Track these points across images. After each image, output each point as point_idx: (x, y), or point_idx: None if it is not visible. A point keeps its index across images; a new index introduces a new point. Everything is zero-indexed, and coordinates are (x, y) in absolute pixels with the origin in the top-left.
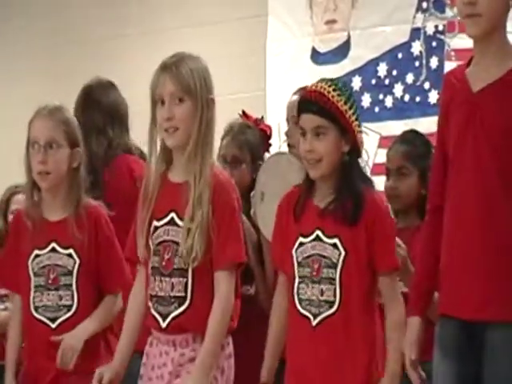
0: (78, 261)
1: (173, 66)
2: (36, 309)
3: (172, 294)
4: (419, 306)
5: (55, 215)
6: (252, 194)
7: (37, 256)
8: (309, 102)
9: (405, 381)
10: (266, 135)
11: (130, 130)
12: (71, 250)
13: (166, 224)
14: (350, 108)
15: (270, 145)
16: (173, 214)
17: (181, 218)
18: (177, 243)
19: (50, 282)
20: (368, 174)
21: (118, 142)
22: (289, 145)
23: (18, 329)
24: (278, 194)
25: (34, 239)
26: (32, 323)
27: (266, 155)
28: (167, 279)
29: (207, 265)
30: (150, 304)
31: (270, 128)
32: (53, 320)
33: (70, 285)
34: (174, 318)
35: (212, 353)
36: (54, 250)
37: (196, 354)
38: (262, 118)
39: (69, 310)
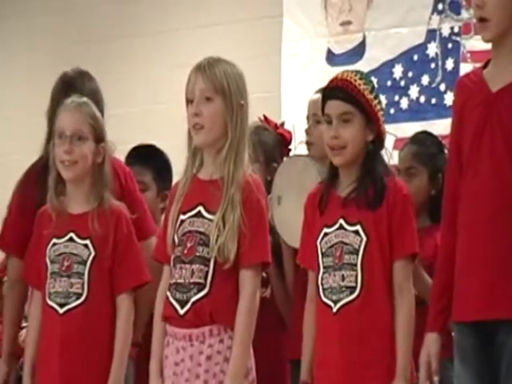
0: (93, 253)
1: (206, 66)
2: (49, 295)
3: (191, 281)
4: (439, 322)
5: (77, 208)
6: (269, 197)
7: (54, 244)
8: (335, 88)
9: None
10: (284, 140)
11: (142, 129)
12: (88, 241)
13: (192, 216)
14: (375, 98)
15: (289, 150)
16: (200, 208)
17: (208, 211)
18: (201, 233)
19: (63, 268)
20: None
21: None
22: (307, 143)
23: (36, 325)
24: (294, 197)
25: (54, 230)
26: (45, 310)
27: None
28: (187, 266)
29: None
30: (168, 293)
31: (290, 134)
32: (61, 306)
33: (83, 274)
34: (193, 304)
35: (243, 354)
36: (71, 239)
37: (213, 351)
38: (283, 123)
39: (78, 298)
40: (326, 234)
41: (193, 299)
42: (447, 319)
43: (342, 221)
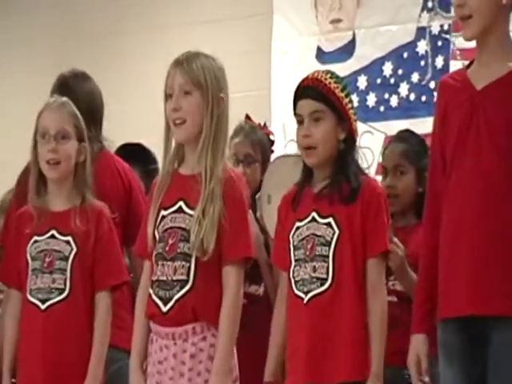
0: (75, 249)
1: (184, 61)
2: (30, 291)
3: (174, 278)
4: (426, 324)
5: (59, 206)
6: (257, 196)
7: (35, 242)
8: (305, 88)
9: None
10: (270, 140)
11: (133, 126)
12: (70, 238)
13: (173, 212)
14: (346, 96)
15: (272, 151)
16: (181, 203)
17: (189, 207)
18: (182, 229)
19: (45, 265)
20: (373, 173)
21: (91, 136)
22: None
23: (14, 325)
24: None
25: (35, 228)
26: (25, 306)
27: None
28: (169, 263)
29: (213, 256)
30: (150, 291)
31: (273, 134)
32: (43, 301)
33: (65, 270)
34: (176, 301)
35: (228, 350)
36: (53, 236)
37: (196, 349)
38: (265, 124)
39: (60, 294)
40: (297, 228)
41: (176, 296)
42: (434, 320)
43: (314, 214)
